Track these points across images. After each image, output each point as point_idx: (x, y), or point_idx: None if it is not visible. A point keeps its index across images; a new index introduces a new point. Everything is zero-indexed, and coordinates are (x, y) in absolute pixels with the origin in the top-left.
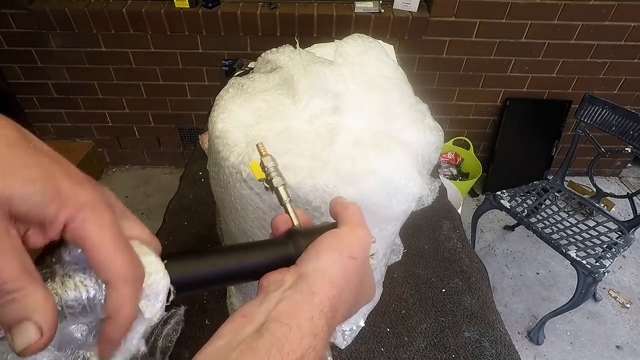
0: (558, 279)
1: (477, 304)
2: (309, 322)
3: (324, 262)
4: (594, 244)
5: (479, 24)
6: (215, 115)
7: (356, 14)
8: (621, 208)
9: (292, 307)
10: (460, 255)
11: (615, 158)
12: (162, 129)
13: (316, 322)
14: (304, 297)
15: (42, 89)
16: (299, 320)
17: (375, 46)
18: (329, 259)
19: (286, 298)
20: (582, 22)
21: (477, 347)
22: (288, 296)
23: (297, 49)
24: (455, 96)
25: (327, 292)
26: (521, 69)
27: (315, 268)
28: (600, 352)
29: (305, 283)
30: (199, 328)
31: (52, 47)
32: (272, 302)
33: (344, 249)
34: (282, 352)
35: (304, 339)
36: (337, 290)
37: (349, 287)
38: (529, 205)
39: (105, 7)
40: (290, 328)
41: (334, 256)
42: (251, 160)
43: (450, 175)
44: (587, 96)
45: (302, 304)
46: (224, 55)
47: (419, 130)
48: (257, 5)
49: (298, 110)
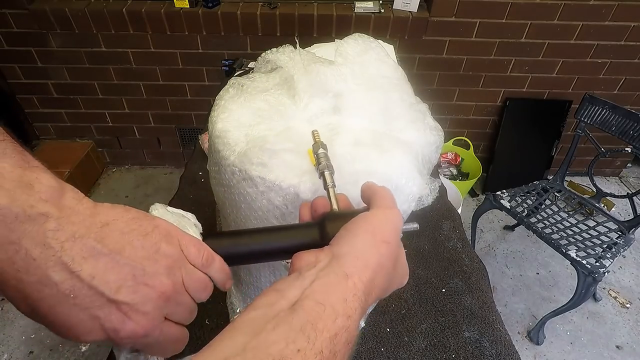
0: (558, 279)
1: (477, 304)
2: (342, 303)
3: (358, 244)
4: (594, 244)
5: (479, 24)
6: (216, 115)
7: (356, 14)
8: (621, 208)
9: (326, 287)
10: (460, 255)
11: (615, 158)
12: (162, 129)
13: (350, 304)
14: (338, 278)
15: (42, 89)
16: (333, 301)
17: (375, 46)
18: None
19: (320, 278)
20: (582, 22)
21: (477, 347)
22: (322, 276)
23: (297, 49)
24: (455, 96)
25: (361, 275)
26: (521, 69)
27: (348, 250)
28: (600, 352)
29: (339, 265)
30: (199, 328)
31: (52, 47)
32: (306, 280)
33: (377, 232)
34: (316, 329)
35: (337, 319)
36: (371, 273)
37: (382, 270)
38: (529, 205)
39: (105, 7)
40: (325, 307)
41: (368, 239)
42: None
43: (450, 175)
44: (587, 96)
45: (336, 285)
46: (224, 55)
47: (419, 130)
48: (257, 5)
49: (298, 110)
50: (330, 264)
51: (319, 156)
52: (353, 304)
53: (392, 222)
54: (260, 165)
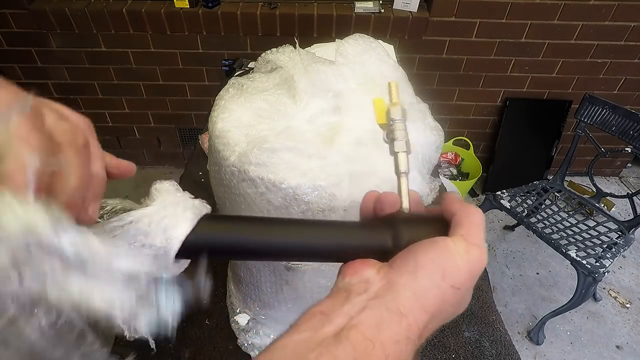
0: (558, 279)
1: (477, 304)
2: (394, 344)
3: (422, 281)
4: (594, 244)
5: (479, 24)
6: (216, 115)
7: (356, 14)
8: (621, 208)
9: (378, 323)
10: None
11: (615, 158)
12: (162, 129)
13: (402, 347)
14: (391, 315)
15: (42, 89)
16: (384, 340)
17: (376, 46)
18: (427, 280)
19: (371, 308)
20: (582, 22)
21: (477, 347)
22: (374, 307)
23: (297, 49)
24: (455, 96)
25: (417, 319)
26: (521, 69)
27: (408, 285)
28: (600, 352)
29: (394, 299)
30: (199, 328)
31: (52, 47)
32: (355, 306)
33: (449, 274)
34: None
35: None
36: (428, 317)
37: (440, 315)
38: (529, 205)
39: (105, 7)
40: (374, 345)
41: (435, 279)
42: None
43: (450, 175)
44: (587, 96)
45: (389, 323)
46: (224, 55)
47: (419, 130)
48: (257, 5)
49: (298, 110)
50: (383, 293)
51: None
52: (405, 347)
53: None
54: (260, 165)
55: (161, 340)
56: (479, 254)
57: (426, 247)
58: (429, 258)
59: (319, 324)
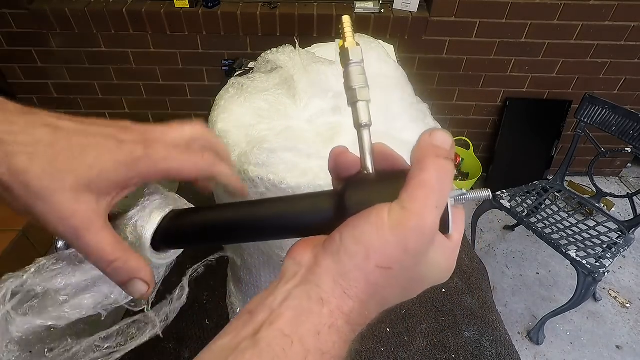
0: (558, 279)
1: (477, 304)
2: (314, 337)
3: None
4: (594, 244)
5: (479, 24)
6: (216, 115)
7: (356, 14)
8: (621, 208)
9: (297, 315)
10: (461, 255)
11: (615, 158)
12: None
13: (324, 337)
14: (311, 305)
15: (42, 89)
16: (303, 334)
17: (376, 46)
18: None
19: (293, 299)
20: (582, 22)
21: (477, 347)
22: (295, 297)
23: (297, 49)
24: (455, 96)
25: (340, 304)
26: (521, 69)
27: (330, 268)
28: (600, 352)
29: (317, 285)
30: (199, 328)
31: (52, 47)
32: (277, 298)
33: (374, 252)
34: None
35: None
36: (354, 303)
37: (376, 299)
38: (529, 205)
39: (105, 7)
40: (292, 341)
41: (356, 260)
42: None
43: None
44: (587, 96)
45: (309, 314)
46: (224, 55)
47: (419, 130)
48: (257, 5)
49: (298, 110)
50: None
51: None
52: (329, 338)
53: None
54: (260, 165)
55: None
56: (416, 225)
57: (356, 221)
58: (353, 234)
59: (242, 324)
